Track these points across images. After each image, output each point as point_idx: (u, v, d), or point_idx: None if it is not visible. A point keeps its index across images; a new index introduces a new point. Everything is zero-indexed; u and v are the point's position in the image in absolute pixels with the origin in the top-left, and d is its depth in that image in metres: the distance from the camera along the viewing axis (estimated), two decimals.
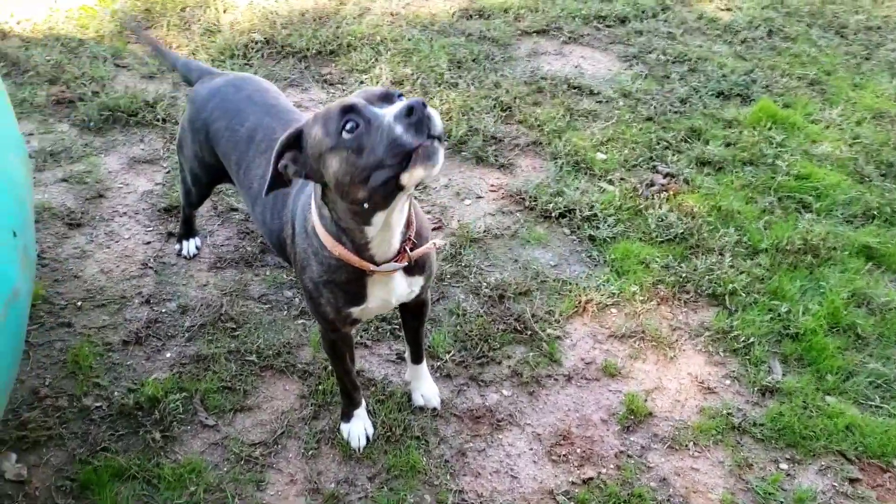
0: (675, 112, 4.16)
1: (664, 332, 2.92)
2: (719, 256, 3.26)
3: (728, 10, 5.31)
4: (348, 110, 1.60)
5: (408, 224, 1.92)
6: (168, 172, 3.49)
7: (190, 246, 3.09)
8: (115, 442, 2.36)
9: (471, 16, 4.91)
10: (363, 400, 2.45)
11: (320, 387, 2.58)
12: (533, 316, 2.91)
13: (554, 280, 3.10)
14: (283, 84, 4.15)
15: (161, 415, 2.44)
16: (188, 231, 3.08)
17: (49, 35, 4.45)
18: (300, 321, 2.83)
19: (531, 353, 2.78)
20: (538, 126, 3.95)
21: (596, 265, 3.21)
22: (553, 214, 3.40)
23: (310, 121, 1.71)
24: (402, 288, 2.04)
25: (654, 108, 4.16)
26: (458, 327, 2.84)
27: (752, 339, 2.89)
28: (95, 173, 3.46)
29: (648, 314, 3.00)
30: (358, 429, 2.42)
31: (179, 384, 2.55)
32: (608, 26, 4.96)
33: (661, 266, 3.19)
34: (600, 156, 3.81)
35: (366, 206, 1.67)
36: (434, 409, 2.56)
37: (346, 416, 2.44)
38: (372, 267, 1.87)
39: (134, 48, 4.37)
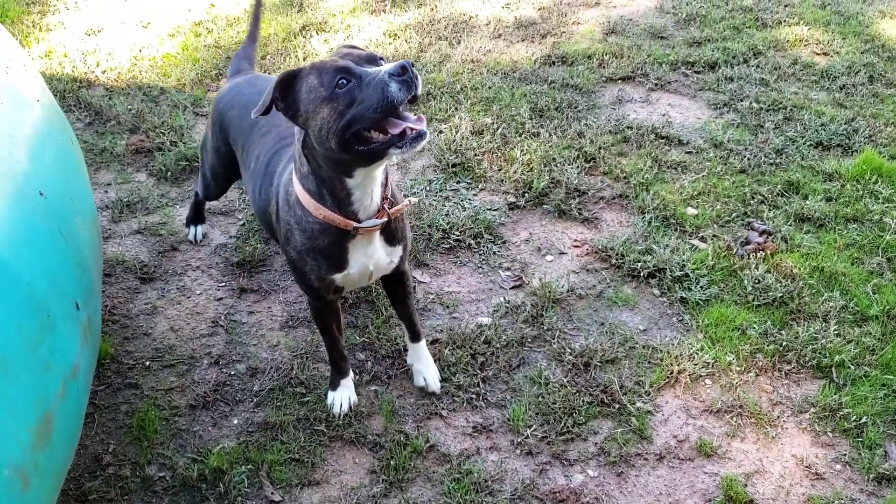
0: (771, 164, 3.92)
1: (764, 407, 2.69)
2: (823, 323, 3.00)
3: (825, 54, 5.04)
4: (343, 70, 1.83)
5: (385, 185, 2.12)
6: (243, 225, 3.47)
7: (198, 231, 3.34)
8: None
9: (553, 62, 4.79)
10: (350, 371, 2.62)
11: (392, 461, 2.44)
12: (621, 387, 2.72)
13: (643, 347, 2.91)
14: None
15: (225, 488, 2.35)
16: (197, 217, 3.34)
17: (132, 83, 4.54)
18: (372, 387, 2.72)
19: (619, 429, 2.59)
20: (624, 178, 3.78)
21: (688, 330, 3.00)
22: (641, 274, 3.21)
23: (307, 68, 1.91)
24: (382, 256, 2.23)
25: (748, 159, 3.94)
26: (541, 398, 2.67)
27: (864, 419, 2.62)
28: (170, 225, 3.46)
29: (746, 386, 2.77)
30: (342, 397, 2.59)
31: (246, 454, 2.46)
32: (697, 73, 4.76)
33: (759, 333, 2.96)
34: (691, 210, 3.60)
35: (342, 156, 1.88)
36: (433, 392, 2.67)
37: (333, 384, 2.60)
38: (355, 224, 2.05)
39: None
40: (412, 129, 1.82)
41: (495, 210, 3.58)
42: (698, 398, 2.73)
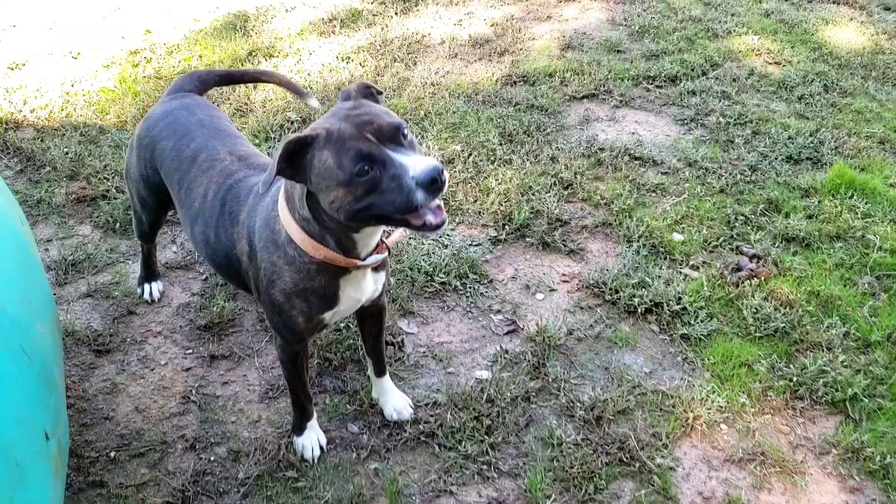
0: (748, 182, 3.83)
1: (785, 452, 2.54)
2: (828, 352, 2.90)
3: (777, 63, 5.02)
4: (366, 157, 1.66)
5: None
6: (205, 280, 3.11)
7: (153, 290, 3.01)
8: None
9: (514, 82, 4.59)
10: (315, 411, 2.45)
11: None
12: (638, 441, 2.53)
13: (652, 392, 2.73)
14: None
15: None
16: (149, 273, 3.02)
17: (66, 123, 4.08)
18: (371, 465, 2.43)
19: (643, 490, 2.39)
20: (604, 204, 3.61)
21: (694, 370, 2.84)
22: (639, 310, 3.04)
23: (321, 137, 1.71)
24: (370, 286, 2.13)
25: (725, 178, 3.83)
26: (556, 462, 2.45)
27: (888, 458, 2.50)
28: (123, 285, 3.08)
29: (764, 430, 2.62)
30: (311, 440, 2.44)
31: None
32: (658, 87, 4.65)
33: (767, 368, 2.83)
34: (677, 236, 3.46)
35: (351, 223, 1.78)
36: (406, 420, 2.56)
37: (299, 429, 2.45)
38: (358, 262, 1.95)
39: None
40: (431, 222, 1.72)
41: (477, 245, 3.35)
42: (717, 447, 2.56)
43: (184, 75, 2.76)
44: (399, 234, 2.13)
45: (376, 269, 2.12)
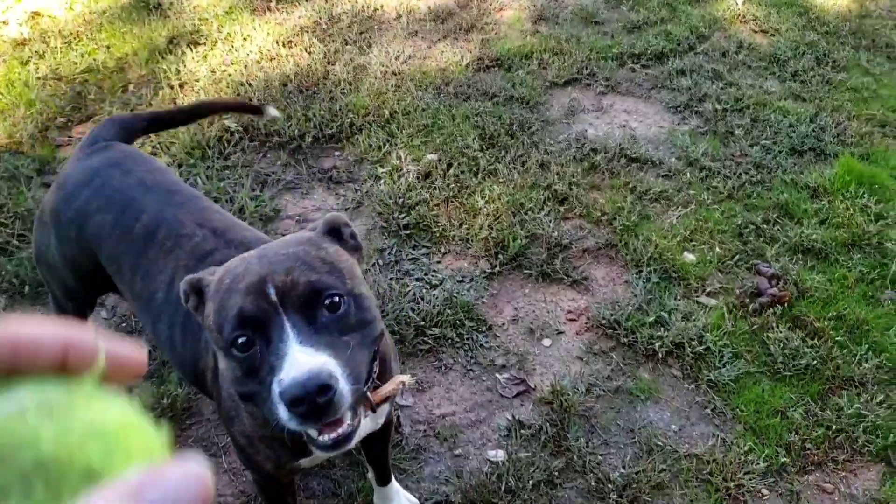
0: (755, 183, 3.49)
1: None
2: (862, 389, 2.64)
3: (764, 31, 4.65)
4: (247, 323, 1.20)
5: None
6: (156, 359, 2.58)
7: None
8: None
9: (487, 66, 4.08)
10: None
11: None
12: None
13: (686, 457, 2.41)
14: (278, 188, 3.23)
15: None
16: None
17: None
18: None
19: None
20: (606, 220, 3.21)
21: (724, 422, 2.55)
22: (659, 354, 2.70)
23: (214, 283, 1.30)
24: (366, 425, 1.56)
25: (731, 180, 3.48)
26: None
27: None
28: None
29: (807, 491, 2.37)
30: None
31: None
32: (644, 67, 4.22)
33: (801, 415, 2.55)
34: (689, 256, 3.11)
35: None
36: None
37: None
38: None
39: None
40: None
41: (469, 282, 2.92)
42: None
43: (100, 123, 2.11)
44: (391, 386, 1.50)
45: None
